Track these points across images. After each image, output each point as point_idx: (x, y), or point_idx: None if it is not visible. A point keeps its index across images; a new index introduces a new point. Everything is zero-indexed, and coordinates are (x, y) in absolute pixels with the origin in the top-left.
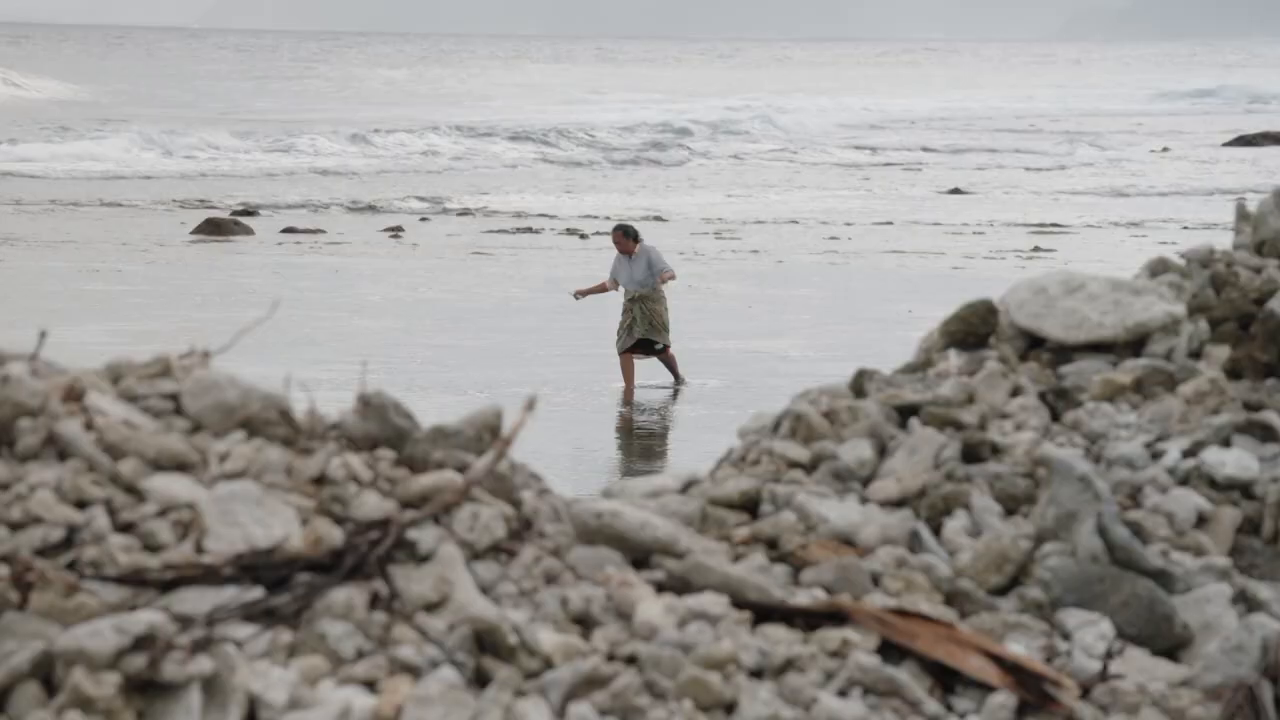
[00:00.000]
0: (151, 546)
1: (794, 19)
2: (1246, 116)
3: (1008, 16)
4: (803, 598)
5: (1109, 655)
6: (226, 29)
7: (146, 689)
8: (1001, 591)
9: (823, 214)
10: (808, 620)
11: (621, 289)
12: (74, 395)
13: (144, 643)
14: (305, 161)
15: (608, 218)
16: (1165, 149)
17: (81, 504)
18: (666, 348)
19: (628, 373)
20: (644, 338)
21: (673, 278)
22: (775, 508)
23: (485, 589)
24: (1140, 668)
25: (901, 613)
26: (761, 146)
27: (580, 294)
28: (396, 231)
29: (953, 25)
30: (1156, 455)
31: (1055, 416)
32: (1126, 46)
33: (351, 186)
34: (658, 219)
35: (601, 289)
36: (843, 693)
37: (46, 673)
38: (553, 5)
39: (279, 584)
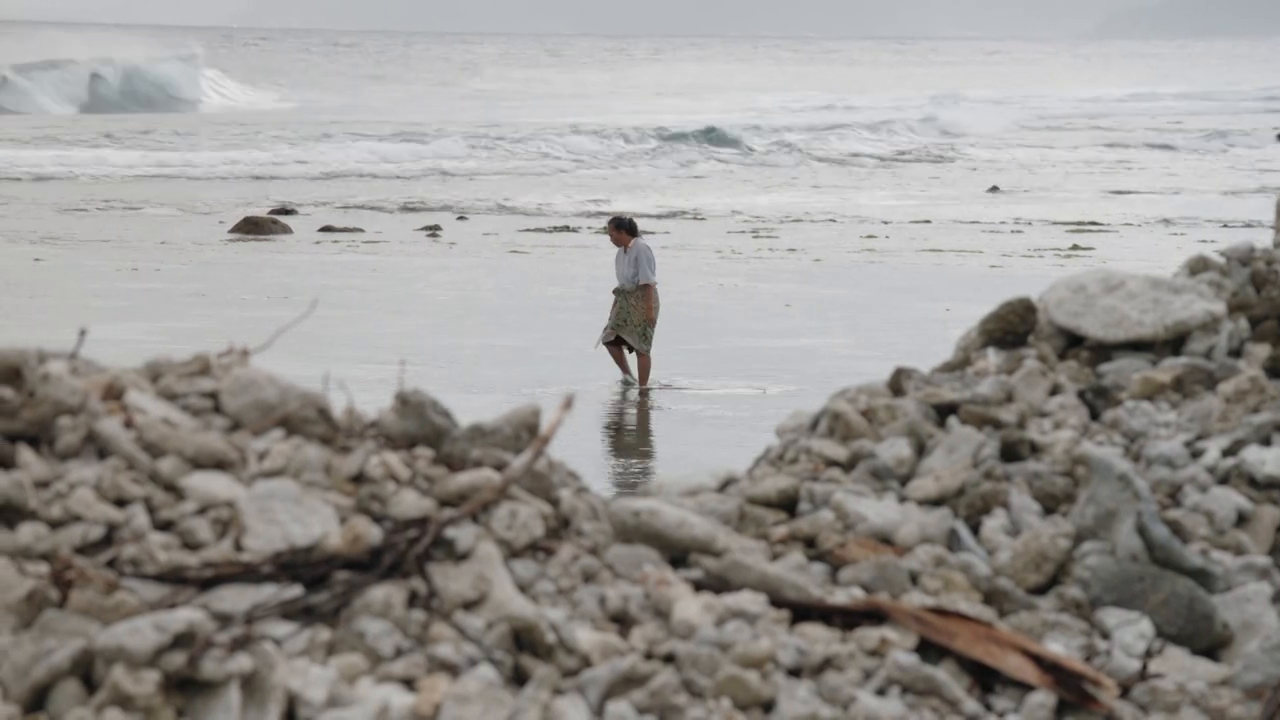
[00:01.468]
0: (190, 544)
1: (825, 18)
2: None
3: (1043, 16)
4: (841, 596)
5: (1148, 654)
6: (270, 29)
7: (186, 687)
8: (1040, 590)
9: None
10: (846, 619)
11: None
12: (114, 393)
13: (183, 640)
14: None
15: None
16: None
17: (121, 502)
18: (642, 354)
19: (617, 360)
20: (619, 336)
21: (651, 285)
22: (813, 506)
23: (523, 587)
24: (1180, 667)
25: (940, 612)
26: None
27: (650, 322)
28: (434, 230)
29: (987, 25)
30: (1196, 454)
31: (1094, 415)
32: (1168, 44)
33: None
34: (697, 218)
35: (646, 296)
36: (881, 692)
37: (86, 670)
38: (565, 5)
39: (317, 582)
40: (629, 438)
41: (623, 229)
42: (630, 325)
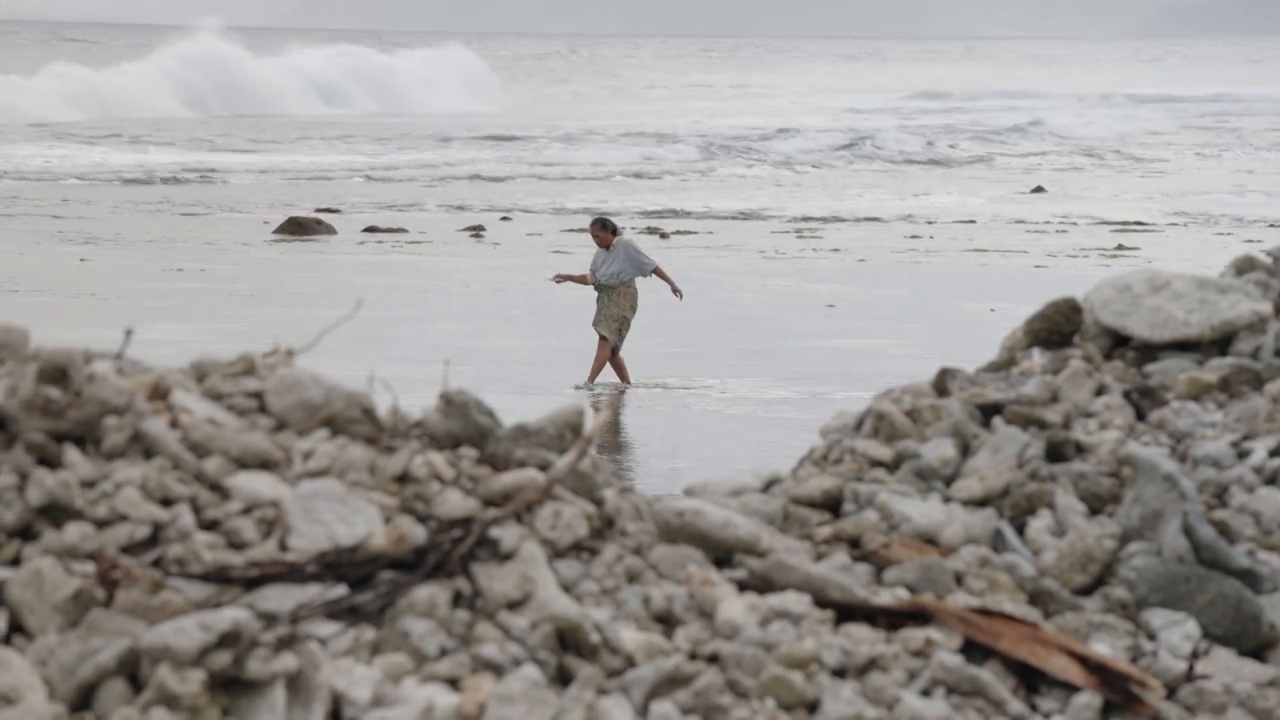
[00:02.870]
0: (236, 544)
1: (865, 19)
2: None
3: (1083, 13)
4: (885, 597)
5: (1195, 655)
6: (317, 30)
7: (231, 686)
8: (1086, 591)
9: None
10: (890, 620)
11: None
12: (159, 393)
13: (229, 640)
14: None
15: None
16: None
17: (167, 502)
18: (605, 340)
19: (616, 369)
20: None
21: (658, 268)
22: (857, 506)
23: (567, 587)
24: (1226, 668)
25: (985, 612)
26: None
27: (560, 278)
28: (478, 231)
29: (1030, 23)
30: (1243, 454)
31: (1140, 415)
32: (1224, 43)
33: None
34: (745, 217)
35: (582, 280)
36: (926, 692)
37: (132, 670)
38: (595, 5)
39: (362, 582)
40: (668, 438)
41: (607, 229)
42: (607, 320)
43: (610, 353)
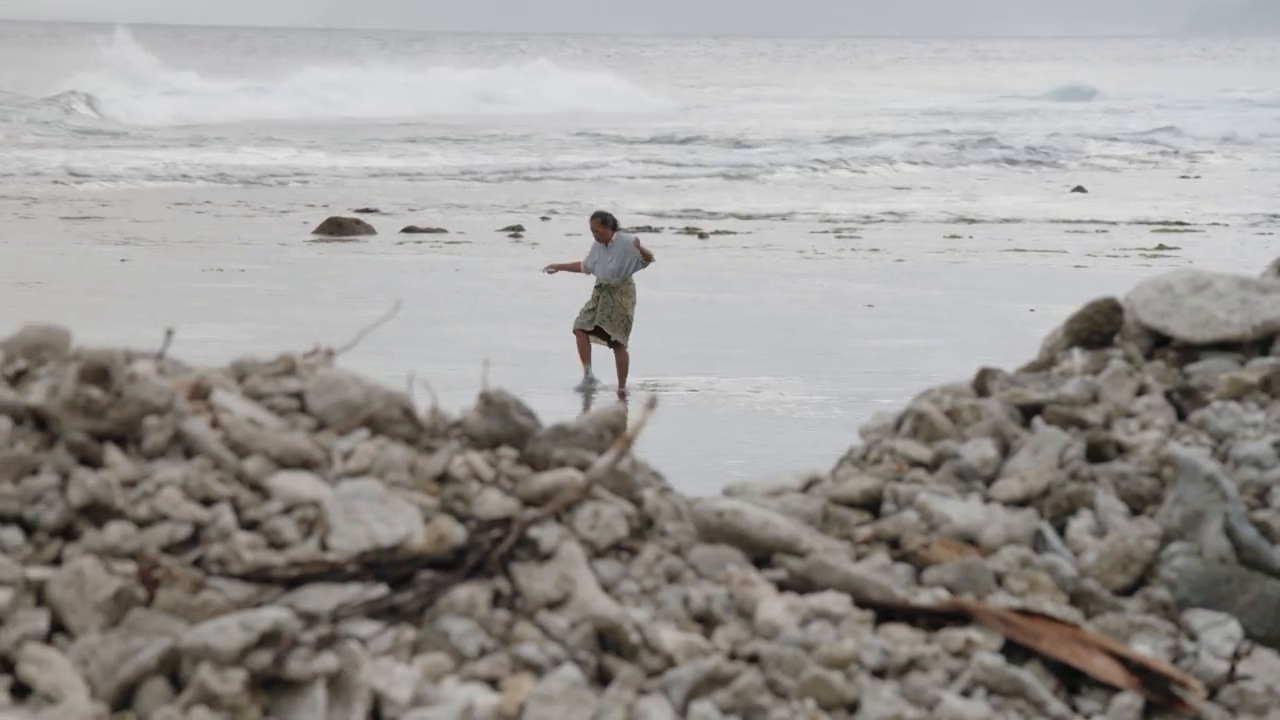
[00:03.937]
0: (276, 544)
1: (902, 17)
2: None
3: (1121, 12)
4: (925, 597)
5: (1236, 656)
6: (361, 30)
7: (272, 685)
8: (1127, 592)
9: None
10: (930, 620)
11: (594, 275)
12: (200, 393)
13: (269, 640)
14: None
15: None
16: None
17: (207, 501)
18: (621, 346)
19: (582, 351)
20: (600, 326)
21: (650, 259)
22: (897, 507)
23: (607, 587)
24: (1268, 669)
25: (1025, 613)
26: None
27: (553, 268)
28: (516, 231)
29: (1066, 21)
30: None
31: (1181, 415)
32: (1255, 42)
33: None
34: (782, 218)
35: (575, 268)
36: (966, 693)
37: (173, 669)
38: (628, 4)
39: (402, 582)
40: (707, 437)
41: (607, 224)
42: (614, 321)
43: (589, 346)
